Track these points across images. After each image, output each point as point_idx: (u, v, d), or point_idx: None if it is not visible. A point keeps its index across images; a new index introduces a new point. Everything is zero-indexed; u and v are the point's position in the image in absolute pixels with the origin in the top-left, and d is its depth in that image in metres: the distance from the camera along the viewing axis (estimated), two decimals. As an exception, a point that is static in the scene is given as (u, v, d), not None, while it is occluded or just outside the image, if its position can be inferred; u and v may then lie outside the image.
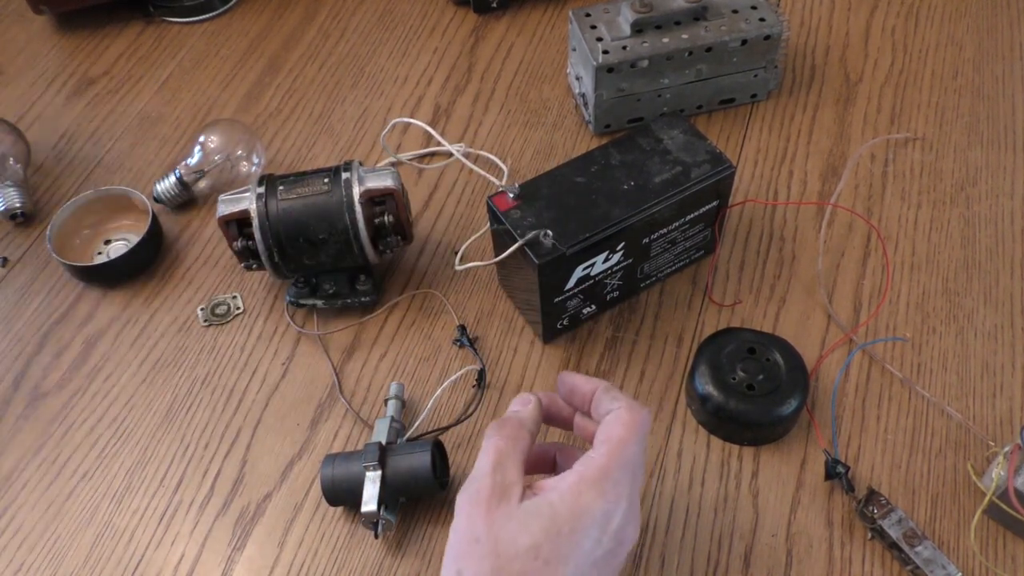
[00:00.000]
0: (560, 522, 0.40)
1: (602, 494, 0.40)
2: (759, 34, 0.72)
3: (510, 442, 0.43)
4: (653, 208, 0.59)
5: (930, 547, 0.52)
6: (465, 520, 0.41)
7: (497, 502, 0.40)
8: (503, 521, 0.40)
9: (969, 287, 0.66)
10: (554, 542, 0.39)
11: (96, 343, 0.67)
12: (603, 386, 0.46)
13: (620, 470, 0.41)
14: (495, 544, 0.39)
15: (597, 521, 0.40)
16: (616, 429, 0.43)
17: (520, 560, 0.39)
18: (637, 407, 0.44)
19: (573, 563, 0.40)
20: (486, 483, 0.41)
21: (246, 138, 0.74)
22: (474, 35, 0.88)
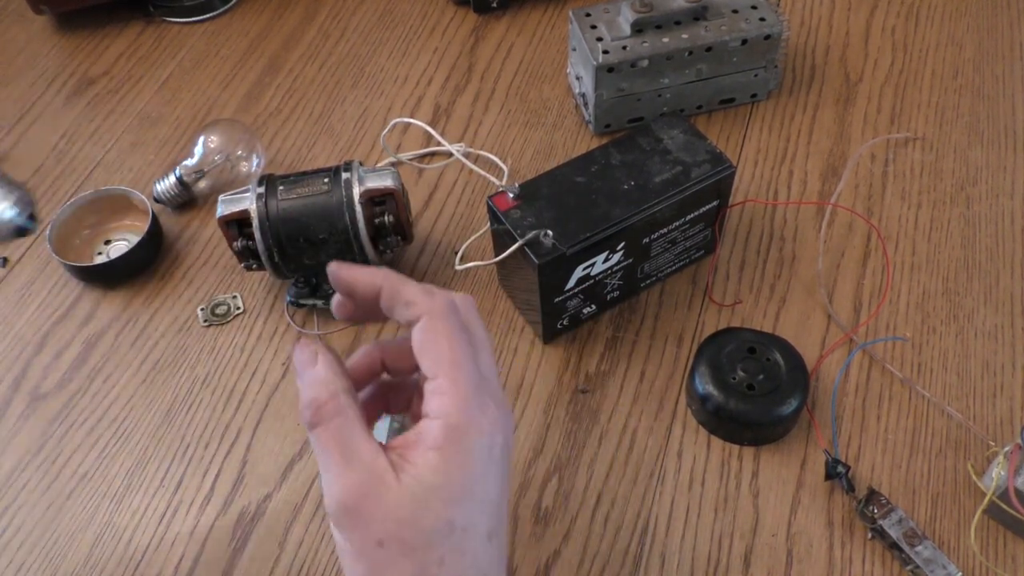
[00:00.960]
0: (457, 486, 0.35)
1: (480, 429, 0.36)
2: (759, 34, 0.72)
3: (342, 422, 0.36)
4: (653, 208, 0.59)
5: (930, 547, 0.52)
6: (355, 532, 0.35)
7: (376, 494, 0.35)
8: (395, 509, 0.34)
9: (969, 287, 0.66)
10: (462, 506, 0.35)
11: (96, 343, 0.67)
12: (385, 289, 0.38)
13: (475, 393, 0.36)
14: (402, 540, 0.34)
15: (486, 457, 0.36)
16: (437, 349, 0.37)
17: (437, 543, 0.35)
18: (437, 306, 0.37)
19: (484, 509, 0.36)
20: (351, 482, 0.35)
21: (246, 138, 0.74)
22: (474, 35, 0.88)
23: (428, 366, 0.37)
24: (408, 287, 0.38)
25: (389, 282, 0.38)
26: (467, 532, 0.35)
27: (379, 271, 0.39)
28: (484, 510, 0.36)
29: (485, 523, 0.36)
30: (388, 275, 0.39)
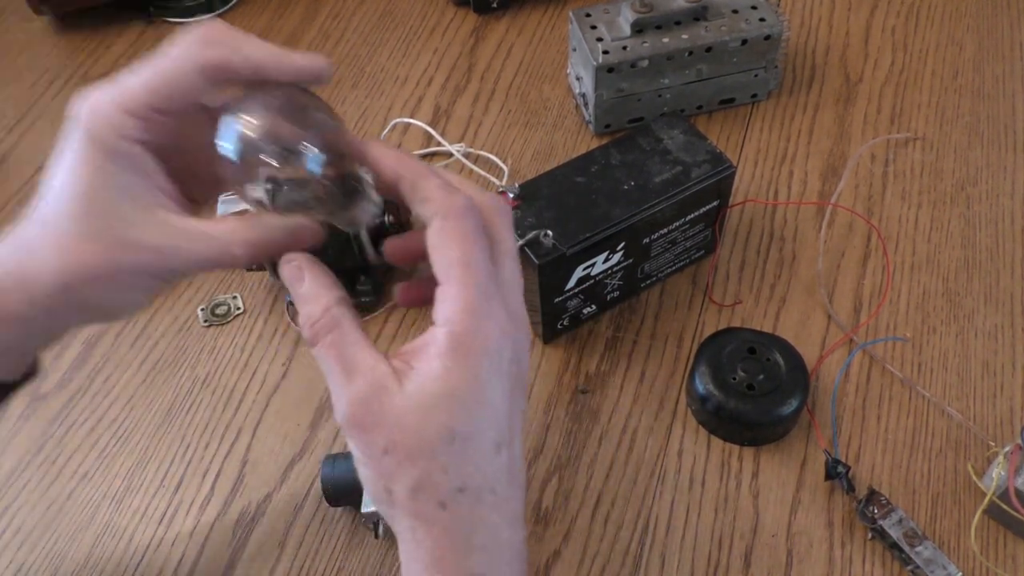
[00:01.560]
0: (460, 394, 0.34)
1: (487, 335, 0.35)
2: (759, 34, 0.72)
3: (337, 336, 0.36)
4: (653, 208, 0.59)
5: (930, 547, 0.52)
6: (361, 441, 0.35)
7: (379, 404, 0.34)
8: (399, 417, 0.34)
9: (969, 287, 0.66)
10: (464, 416, 0.35)
11: (96, 343, 0.67)
12: (407, 177, 0.37)
13: (485, 298, 0.35)
14: (407, 448, 0.34)
15: (493, 364, 0.35)
16: (450, 250, 0.35)
17: (440, 451, 0.34)
18: (453, 206, 0.36)
19: (491, 421, 0.35)
20: (354, 394, 0.35)
21: (246, 138, 0.74)
22: (474, 35, 0.89)
23: (438, 270, 0.36)
24: (429, 181, 0.37)
25: (411, 172, 0.37)
26: (469, 441, 0.35)
27: (405, 158, 0.38)
28: (489, 421, 0.35)
29: (490, 434, 0.35)
30: (412, 165, 0.37)
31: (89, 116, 0.36)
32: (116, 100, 0.36)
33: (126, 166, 0.36)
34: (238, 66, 0.37)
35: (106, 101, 0.36)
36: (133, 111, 0.36)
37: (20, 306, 0.37)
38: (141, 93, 0.36)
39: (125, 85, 0.37)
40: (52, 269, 0.36)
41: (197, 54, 0.36)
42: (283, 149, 0.34)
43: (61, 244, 0.36)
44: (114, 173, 0.36)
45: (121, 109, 0.36)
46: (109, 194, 0.36)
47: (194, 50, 0.36)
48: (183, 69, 0.36)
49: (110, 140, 0.36)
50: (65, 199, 0.36)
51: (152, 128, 0.37)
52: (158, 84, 0.36)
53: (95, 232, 0.36)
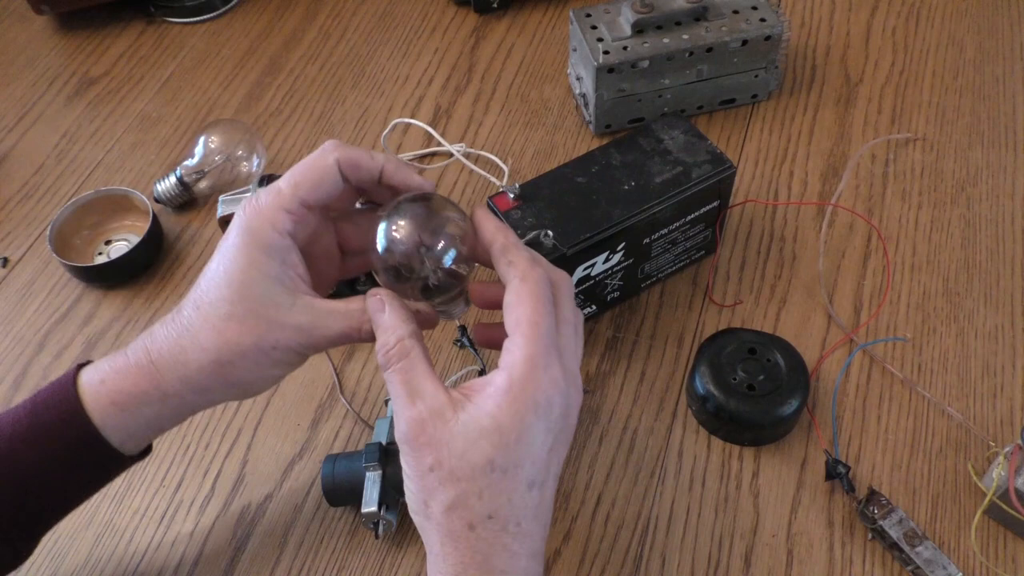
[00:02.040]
0: (506, 432, 0.39)
1: (540, 385, 0.39)
2: (760, 34, 0.72)
3: (407, 364, 0.41)
4: (654, 208, 0.59)
5: (931, 547, 0.52)
6: (412, 457, 0.40)
7: (434, 427, 0.39)
8: (448, 441, 0.39)
9: (970, 287, 0.66)
10: (505, 451, 0.39)
11: (97, 343, 0.67)
12: (498, 243, 0.43)
13: (544, 353, 0.40)
14: (450, 469, 0.39)
15: (541, 415, 0.40)
16: (521, 309, 0.41)
17: (479, 478, 0.39)
18: (532, 274, 0.41)
19: (529, 461, 0.40)
20: (413, 415, 0.40)
21: (247, 138, 0.74)
22: (475, 35, 0.89)
23: (509, 323, 0.41)
24: (519, 251, 0.43)
25: (504, 238, 0.43)
26: (507, 474, 0.39)
27: (503, 228, 0.44)
28: (527, 460, 0.40)
29: (527, 472, 0.40)
30: (507, 233, 0.43)
31: (252, 213, 0.43)
32: (274, 199, 0.43)
33: (276, 256, 0.43)
34: (366, 164, 0.44)
35: (267, 202, 0.43)
36: (287, 207, 0.43)
37: (174, 384, 0.43)
38: (292, 189, 0.43)
39: (279, 187, 0.43)
40: (208, 347, 0.42)
41: (333, 152, 0.43)
42: (423, 249, 0.42)
43: (217, 326, 0.42)
44: (267, 263, 0.42)
45: (278, 206, 0.42)
46: (261, 281, 0.42)
47: (329, 149, 0.44)
48: (324, 163, 0.43)
49: (267, 234, 0.42)
50: (222, 285, 0.42)
51: (299, 222, 0.43)
52: (305, 180, 0.43)
53: (248, 314, 0.42)
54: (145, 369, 0.43)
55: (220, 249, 0.43)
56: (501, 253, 0.43)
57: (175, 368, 0.43)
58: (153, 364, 0.43)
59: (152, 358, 0.43)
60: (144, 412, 0.44)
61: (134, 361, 0.44)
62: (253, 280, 0.42)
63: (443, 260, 0.42)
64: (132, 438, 0.45)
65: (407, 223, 0.42)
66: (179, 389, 0.43)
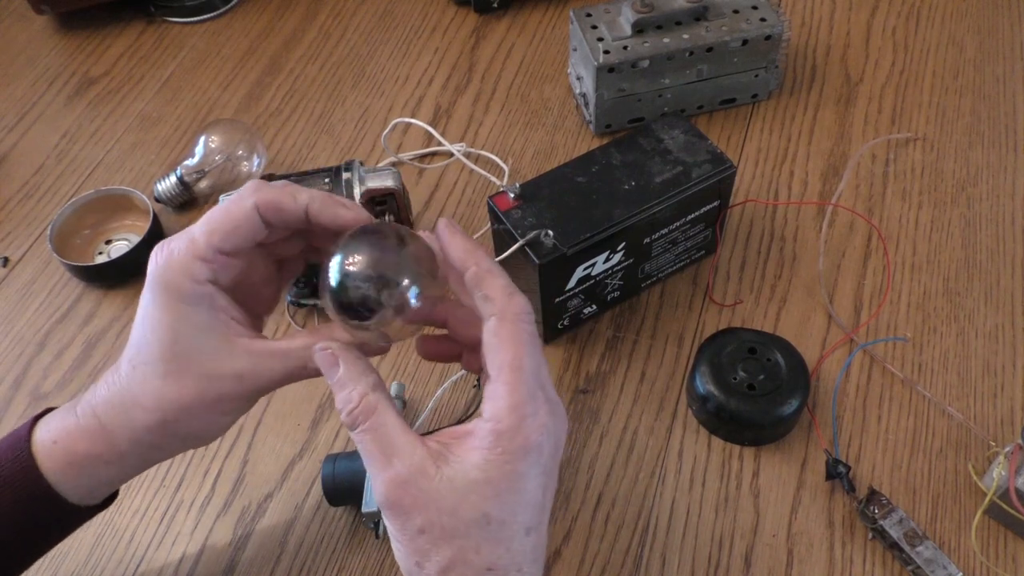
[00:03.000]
0: (497, 483, 0.37)
1: (527, 433, 0.37)
2: (760, 34, 0.72)
3: (375, 421, 0.38)
4: (654, 208, 0.59)
5: (931, 547, 0.52)
6: (398, 520, 0.37)
7: (417, 486, 0.36)
8: (436, 500, 0.36)
9: (970, 287, 0.66)
10: (499, 502, 0.37)
11: (97, 343, 0.67)
12: (470, 272, 0.39)
13: (530, 399, 0.37)
14: (442, 528, 0.36)
15: (532, 461, 0.37)
16: (502, 352, 0.38)
17: (474, 533, 0.36)
18: (509, 309, 0.38)
19: (525, 508, 0.38)
20: (389, 476, 0.37)
21: (247, 138, 0.75)
22: (475, 35, 0.89)
23: (490, 367, 0.38)
24: (493, 281, 0.39)
25: (478, 266, 0.39)
26: (504, 525, 0.37)
27: (474, 251, 0.40)
28: (523, 508, 0.38)
29: (523, 519, 0.38)
30: (480, 259, 0.39)
31: (164, 266, 0.40)
32: (187, 248, 0.40)
33: (201, 306, 0.40)
34: (288, 206, 0.41)
35: (178, 250, 0.40)
36: (202, 256, 0.40)
37: (125, 444, 0.42)
38: (207, 238, 0.40)
39: (192, 234, 0.40)
40: (151, 407, 0.41)
41: (251, 196, 0.40)
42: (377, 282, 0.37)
43: (155, 385, 0.41)
44: (191, 314, 0.40)
45: (192, 256, 0.40)
46: (190, 333, 0.40)
47: (247, 194, 0.41)
48: (242, 210, 0.40)
49: (184, 286, 0.40)
50: (152, 343, 0.40)
51: (220, 268, 0.41)
52: (220, 228, 0.40)
53: (183, 371, 0.40)
54: (95, 431, 0.42)
55: (141, 304, 0.41)
56: (475, 285, 0.39)
57: (124, 429, 0.41)
58: (102, 426, 0.42)
59: (101, 420, 0.42)
60: (101, 472, 0.43)
61: (84, 423, 0.42)
62: (181, 334, 0.40)
63: (408, 297, 0.37)
64: (92, 494, 0.44)
65: (363, 258, 0.38)
66: (132, 448, 0.42)
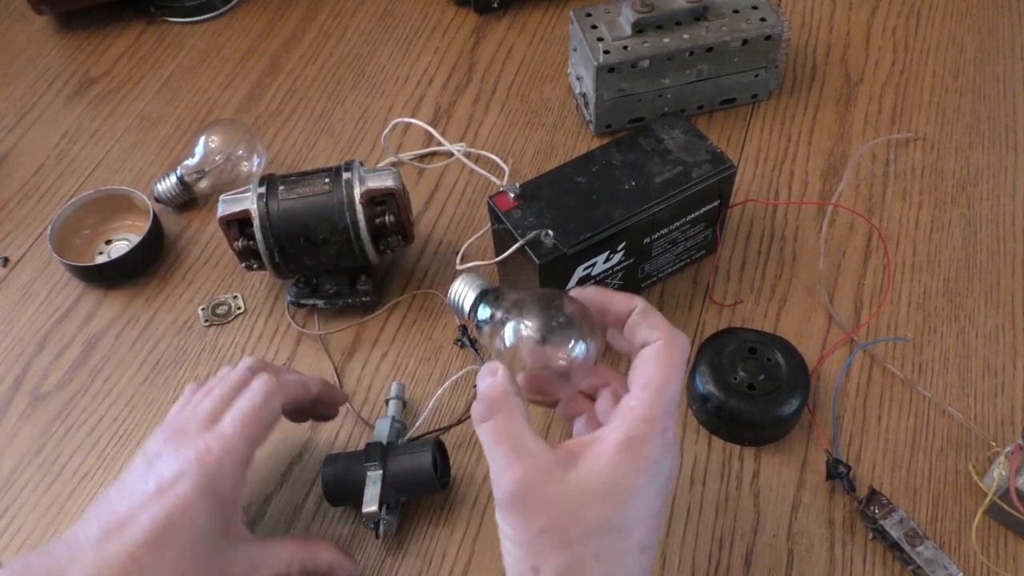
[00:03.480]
0: (622, 490, 0.38)
1: (656, 446, 0.38)
2: (760, 34, 0.72)
3: (505, 414, 0.39)
4: (654, 208, 0.58)
5: (931, 547, 0.52)
6: (519, 519, 0.37)
7: (545, 486, 0.37)
8: (561, 502, 0.37)
9: (970, 287, 0.66)
10: (622, 511, 0.38)
11: (97, 343, 0.67)
12: (639, 308, 0.43)
13: (663, 416, 0.39)
14: (564, 531, 0.37)
15: (654, 476, 0.39)
16: (656, 372, 0.40)
17: (595, 539, 0.37)
18: (677, 341, 0.41)
19: (643, 523, 0.38)
20: (517, 474, 0.37)
21: (247, 138, 0.75)
22: (475, 35, 0.89)
23: (636, 380, 0.40)
24: (657, 317, 0.43)
25: (644, 303, 0.43)
26: (622, 535, 0.38)
27: (634, 296, 0.44)
28: (641, 520, 0.38)
29: (640, 533, 0.38)
30: (641, 301, 0.44)
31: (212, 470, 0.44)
32: (231, 453, 0.45)
33: (229, 509, 0.45)
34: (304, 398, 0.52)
35: (223, 454, 0.45)
36: (244, 460, 0.46)
37: None
38: (248, 444, 0.46)
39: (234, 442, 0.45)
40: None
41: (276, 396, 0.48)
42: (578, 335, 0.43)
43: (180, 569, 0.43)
44: (220, 518, 0.44)
45: (239, 461, 0.45)
46: (213, 538, 0.44)
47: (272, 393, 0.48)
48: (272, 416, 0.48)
49: (227, 492, 0.44)
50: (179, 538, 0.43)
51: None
52: (259, 432, 0.47)
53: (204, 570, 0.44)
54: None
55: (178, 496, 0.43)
56: (642, 316, 0.42)
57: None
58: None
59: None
60: None
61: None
62: (208, 540, 0.44)
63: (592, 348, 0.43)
64: None
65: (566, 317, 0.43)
66: None
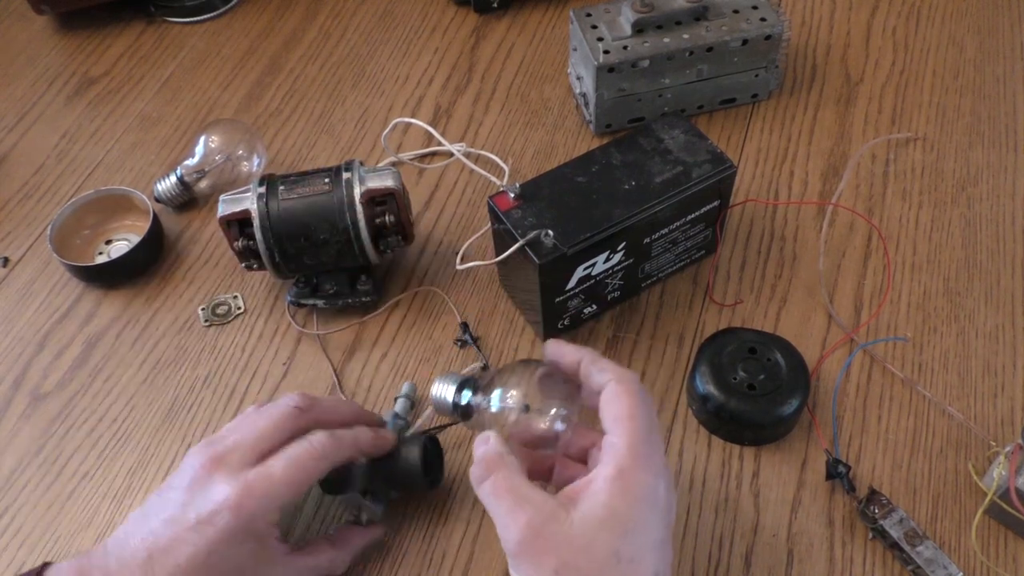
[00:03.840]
0: (624, 519, 0.39)
1: (646, 472, 0.41)
2: (760, 34, 0.72)
3: (503, 471, 0.42)
4: (654, 208, 0.58)
5: (931, 547, 0.52)
6: (531, 564, 0.39)
7: (550, 530, 0.39)
8: (568, 541, 0.39)
9: (970, 287, 0.66)
10: (627, 540, 0.39)
11: (97, 343, 0.67)
12: (587, 358, 0.46)
13: (645, 442, 0.41)
14: (576, 568, 0.38)
15: (650, 499, 0.40)
16: (619, 405, 0.43)
17: (607, 570, 0.39)
18: (626, 376, 0.44)
19: (650, 546, 0.40)
20: (522, 522, 0.40)
21: (247, 138, 0.75)
22: (475, 35, 0.89)
23: (607, 420, 0.43)
24: (605, 362, 0.46)
25: (589, 355, 0.46)
26: (633, 564, 0.39)
27: (583, 348, 0.47)
28: (649, 547, 0.40)
29: (651, 560, 0.40)
30: (587, 350, 0.46)
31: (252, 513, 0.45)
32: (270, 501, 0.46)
33: (264, 540, 0.46)
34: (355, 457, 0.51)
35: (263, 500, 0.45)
36: (282, 503, 0.46)
37: None
38: (290, 489, 0.46)
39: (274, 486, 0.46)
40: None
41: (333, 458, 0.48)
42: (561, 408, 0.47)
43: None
44: (257, 550, 0.46)
45: (275, 502, 0.46)
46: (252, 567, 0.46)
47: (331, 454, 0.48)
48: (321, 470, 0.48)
49: (262, 529, 0.46)
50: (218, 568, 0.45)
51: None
52: (303, 486, 0.47)
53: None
54: None
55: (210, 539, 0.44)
56: (592, 364, 0.45)
57: None
58: None
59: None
60: None
61: None
62: (245, 569, 0.46)
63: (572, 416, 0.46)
64: None
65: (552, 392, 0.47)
66: None
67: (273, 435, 0.48)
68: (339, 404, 0.52)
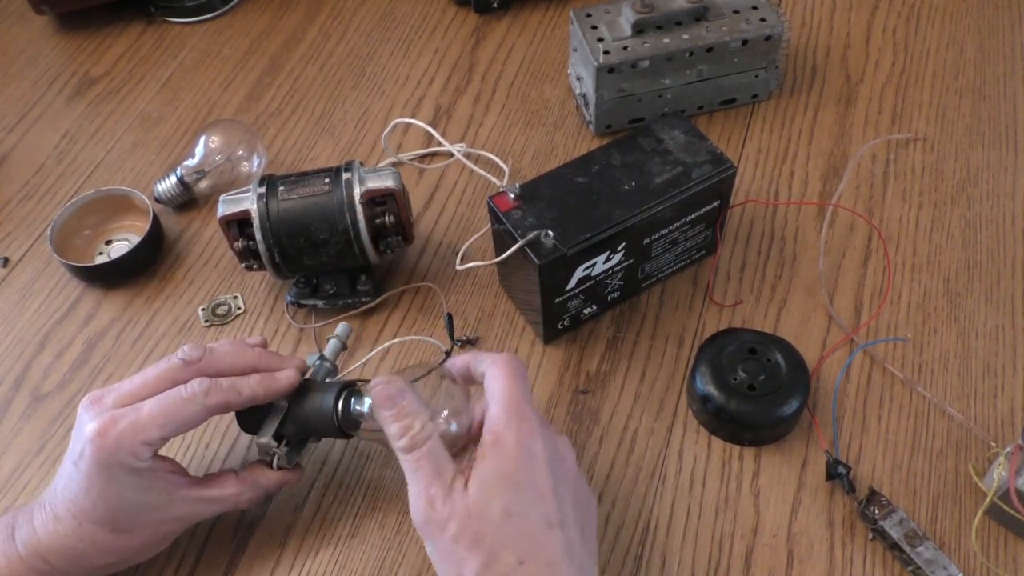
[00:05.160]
0: (510, 476, 0.43)
1: (519, 432, 0.44)
2: (760, 34, 0.72)
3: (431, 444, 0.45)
4: (654, 208, 0.58)
5: (931, 548, 0.52)
6: (435, 533, 0.43)
7: (450, 498, 0.43)
8: (465, 507, 0.42)
9: (970, 288, 0.66)
10: (515, 495, 0.43)
11: (97, 343, 0.67)
12: (471, 356, 0.50)
13: (517, 409, 0.45)
14: (474, 532, 0.42)
15: (526, 454, 0.44)
16: (497, 383, 0.46)
17: (501, 528, 0.42)
18: (502, 357, 0.48)
19: (537, 499, 0.43)
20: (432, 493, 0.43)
21: (247, 138, 0.75)
22: (475, 35, 0.89)
23: (487, 397, 0.46)
24: (486, 353, 0.49)
25: (475, 353, 0.50)
26: (524, 516, 0.42)
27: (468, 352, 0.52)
28: (535, 501, 0.43)
29: (539, 512, 0.43)
30: (473, 352, 0.51)
31: (112, 449, 0.46)
32: (134, 434, 0.46)
33: (144, 473, 0.48)
34: (235, 402, 0.49)
35: (127, 436, 0.46)
36: (150, 442, 0.47)
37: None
38: (155, 431, 0.47)
39: (142, 422, 0.47)
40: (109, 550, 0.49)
41: (202, 398, 0.48)
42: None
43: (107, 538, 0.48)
44: (136, 481, 0.47)
45: (139, 442, 0.46)
46: (135, 496, 0.48)
47: (200, 396, 0.48)
48: (193, 413, 0.48)
49: (131, 463, 0.47)
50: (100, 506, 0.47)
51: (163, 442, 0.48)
52: (171, 423, 0.47)
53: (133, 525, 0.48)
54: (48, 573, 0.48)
55: (83, 471, 0.46)
56: (476, 361, 0.49)
57: (78, 569, 0.49)
58: (55, 569, 0.48)
59: (52, 565, 0.48)
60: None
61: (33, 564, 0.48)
62: (127, 499, 0.47)
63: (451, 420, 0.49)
64: None
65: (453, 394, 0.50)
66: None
67: (153, 384, 0.49)
68: (236, 355, 0.51)
